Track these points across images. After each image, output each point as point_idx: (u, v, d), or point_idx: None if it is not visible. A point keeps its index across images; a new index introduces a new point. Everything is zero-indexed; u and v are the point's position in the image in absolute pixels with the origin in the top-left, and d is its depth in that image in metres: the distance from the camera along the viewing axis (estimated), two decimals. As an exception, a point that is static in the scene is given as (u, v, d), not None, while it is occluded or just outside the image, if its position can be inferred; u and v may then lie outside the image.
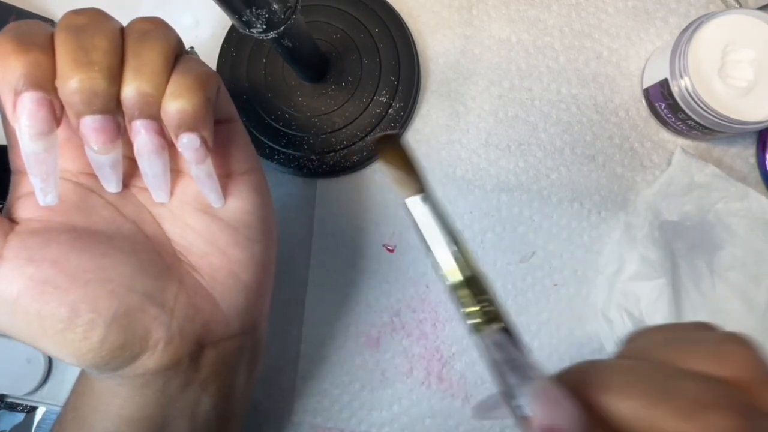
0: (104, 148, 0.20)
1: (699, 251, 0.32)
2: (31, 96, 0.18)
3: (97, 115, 0.19)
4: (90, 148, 0.20)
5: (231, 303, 0.24)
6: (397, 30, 0.36)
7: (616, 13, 0.37)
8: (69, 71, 0.18)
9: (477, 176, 0.36)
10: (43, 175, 0.19)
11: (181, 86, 0.20)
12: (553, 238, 0.35)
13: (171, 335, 0.21)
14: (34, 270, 0.19)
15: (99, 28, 0.19)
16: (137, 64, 0.19)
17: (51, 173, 0.19)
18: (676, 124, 0.34)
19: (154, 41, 0.20)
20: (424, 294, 0.35)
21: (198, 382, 0.23)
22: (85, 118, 0.19)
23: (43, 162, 0.19)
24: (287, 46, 0.28)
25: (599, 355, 0.34)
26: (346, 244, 0.36)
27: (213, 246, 0.24)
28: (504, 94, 0.37)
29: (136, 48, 0.19)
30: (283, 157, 0.35)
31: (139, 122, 0.20)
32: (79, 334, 0.20)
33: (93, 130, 0.19)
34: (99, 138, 0.19)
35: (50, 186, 0.20)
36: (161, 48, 0.20)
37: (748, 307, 0.32)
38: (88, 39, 0.18)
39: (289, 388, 0.35)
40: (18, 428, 0.40)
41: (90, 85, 0.18)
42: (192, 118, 0.20)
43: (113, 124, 0.19)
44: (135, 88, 0.19)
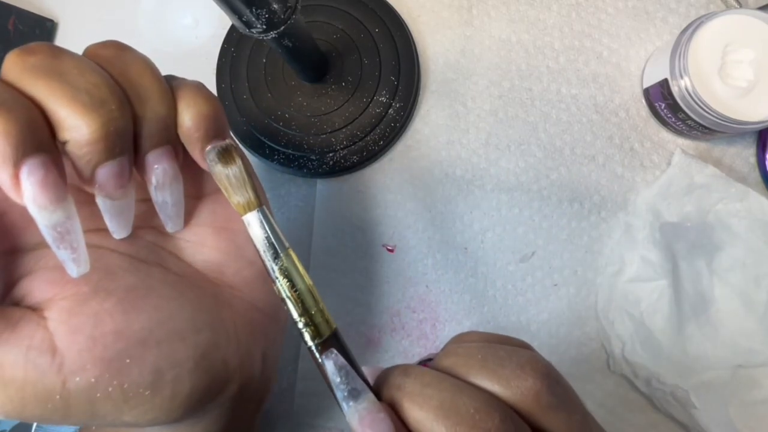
0: (122, 192, 0.18)
1: (699, 252, 0.32)
2: (36, 162, 0.15)
3: (116, 159, 0.17)
4: (105, 196, 0.18)
5: (271, 304, 0.24)
6: (397, 30, 0.36)
7: (616, 13, 0.37)
8: (80, 119, 0.16)
9: (477, 176, 0.36)
10: (72, 245, 0.17)
11: (191, 95, 0.19)
12: (553, 238, 0.35)
13: (242, 358, 0.22)
14: (102, 349, 0.18)
15: (76, 65, 0.17)
16: (140, 91, 0.18)
17: (78, 239, 0.17)
18: (676, 124, 0.34)
19: (139, 64, 0.18)
20: (424, 294, 0.35)
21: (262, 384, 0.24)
22: (104, 166, 0.17)
23: (68, 231, 0.17)
24: (287, 46, 0.28)
25: (599, 355, 0.34)
26: (346, 244, 0.36)
27: (241, 259, 0.23)
28: (504, 94, 0.37)
29: (127, 76, 0.18)
30: (283, 157, 0.35)
31: (157, 152, 0.19)
32: (168, 394, 0.19)
33: (113, 176, 0.17)
34: (119, 183, 0.18)
35: (81, 254, 0.17)
36: (150, 69, 0.19)
37: (748, 308, 0.32)
38: (78, 78, 0.16)
39: (289, 388, 0.35)
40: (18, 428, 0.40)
41: (114, 127, 0.16)
42: (214, 120, 0.19)
43: (128, 164, 0.18)
44: (151, 116, 0.18)
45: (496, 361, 0.16)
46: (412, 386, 0.16)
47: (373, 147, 0.35)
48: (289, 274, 0.18)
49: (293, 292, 0.18)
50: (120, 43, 0.19)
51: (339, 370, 0.17)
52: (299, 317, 0.18)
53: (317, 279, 0.36)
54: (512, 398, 0.16)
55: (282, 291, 0.18)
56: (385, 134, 0.35)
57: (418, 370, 0.17)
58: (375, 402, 0.16)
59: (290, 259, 0.19)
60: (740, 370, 0.32)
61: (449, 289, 0.35)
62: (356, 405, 0.16)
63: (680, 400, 0.31)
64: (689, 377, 0.31)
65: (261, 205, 0.19)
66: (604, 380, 0.34)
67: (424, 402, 0.15)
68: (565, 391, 0.17)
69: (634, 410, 0.34)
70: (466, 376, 0.16)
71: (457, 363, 0.17)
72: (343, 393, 0.16)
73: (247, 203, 0.19)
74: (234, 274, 0.23)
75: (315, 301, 0.18)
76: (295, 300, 0.18)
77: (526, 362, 0.16)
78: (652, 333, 0.32)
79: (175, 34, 0.40)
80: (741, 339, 0.32)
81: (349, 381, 0.17)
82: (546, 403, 0.16)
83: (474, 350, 0.17)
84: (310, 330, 0.18)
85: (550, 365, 0.17)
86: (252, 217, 0.19)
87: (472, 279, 0.35)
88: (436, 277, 0.35)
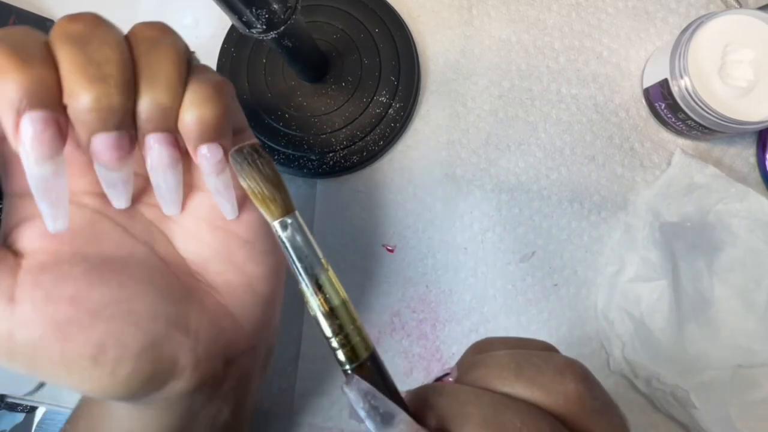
0: (118, 164, 0.19)
1: (699, 252, 0.32)
2: (36, 116, 0.16)
3: (112, 132, 0.18)
4: (102, 166, 0.19)
5: (250, 317, 0.24)
6: (397, 30, 0.36)
7: (616, 13, 0.37)
8: (81, 88, 0.17)
9: (477, 176, 0.36)
10: (52, 201, 0.18)
11: (200, 96, 0.19)
12: (553, 238, 0.35)
13: (197, 359, 0.21)
14: (54, 311, 0.18)
15: (104, 38, 0.18)
16: (151, 75, 0.18)
17: (60, 198, 0.18)
18: (676, 124, 0.34)
19: (165, 50, 0.19)
20: (424, 294, 0.35)
21: (220, 396, 0.23)
22: (99, 136, 0.18)
23: (52, 187, 0.17)
24: (287, 46, 0.28)
25: (599, 355, 0.34)
26: (346, 244, 0.36)
27: (230, 263, 0.23)
28: (504, 94, 0.37)
29: (147, 58, 0.18)
30: (283, 157, 0.35)
31: (154, 136, 0.19)
32: (107, 370, 0.19)
33: (108, 147, 0.18)
34: (113, 155, 0.18)
35: (60, 212, 0.18)
36: (173, 57, 0.19)
37: (748, 308, 0.32)
38: (96, 51, 0.17)
39: (289, 388, 0.35)
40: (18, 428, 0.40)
41: (107, 102, 0.17)
42: (213, 128, 0.19)
43: (128, 139, 0.18)
44: (151, 101, 0.18)
45: (532, 369, 0.16)
46: (449, 406, 0.15)
47: (373, 147, 0.35)
48: (323, 288, 0.16)
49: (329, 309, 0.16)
50: (163, 27, 0.19)
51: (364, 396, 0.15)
52: (333, 336, 0.16)
53: (317, 279, 0.36)
54: (555, 405, 0.15)
55: (317, 307, 0.16)
56: (385, 134, 0.35)
57: (452, 388, 0.16)
58: (412, 423, 0.15)
59: (326, 272, 0.17)
60: (740, 370, 0.32)
61: (449, 289, 0.35)
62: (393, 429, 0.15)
63: (680, 400, 0.31)
64: (689, 377, 0.31)
65: (293, 210, 0.18)
66: (604, 380, 0.34)
67: (466, 421, 0.15)
68: (604, 394, 0.16)
69: (634, 410, 0.34)
70: (501, 387, 0.16)
71: (489, 374, 0.16)
72: (374, 420, 0.15)
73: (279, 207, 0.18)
74: (218, 274, 0.23)
75: (352, 319, 0.16)
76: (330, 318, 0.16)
77: (565, 367, 0.16)
78: (652, 333, 0.32)
79: (175, 34, 0.40)
80: (741, 339, 0.32)
81: (379, 405, 0.15)
82: (590, 408, 0.15)
83: (505, 359, 0.16)
84: (346, 351, 0.16)
85: (586, 368, 0.16)
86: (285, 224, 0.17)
87: (472, 279, 0.35)
88: (436, 277, 0.35)
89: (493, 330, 0.35)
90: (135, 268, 0.21)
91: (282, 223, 0.17)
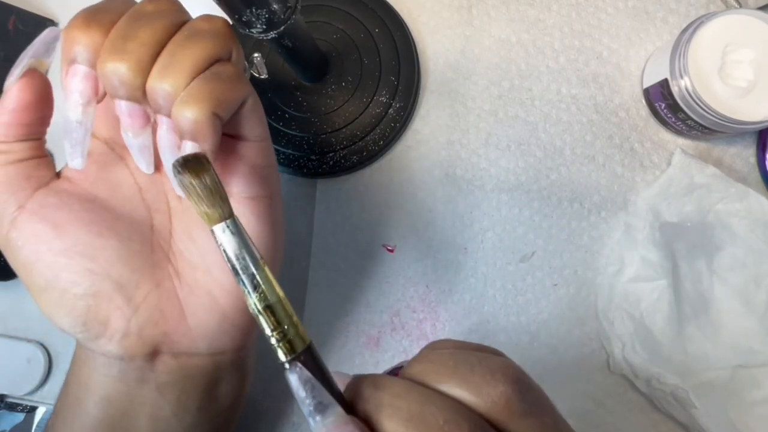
0: (133, 131, 0.21)
1: (699, 252, 0.32)
2: (79, 69, 0.20)
3: (124, 100, 0.20)
4: (123, 128, 0.21)
5: (200, 322, 0.24)
6: (397, 30, 0.36)
7: (616, 13, 0.37)
8: (104, 55, 0.19)
9: (477, 176, 0.36)
10: (72, 141, 0.21)
11: (191, 94, 0.20)
12: (553, 238, 0.35)
13: (128, 330, 0.22)
14: (40, 227, 0.21)
15: (155, 19, 0.20)
16: (167, 61, 0.20)
17: (80, 142, 0.21)
18: (676, 124, 0.34)
19: (197, 42, 0.20)
20: (424, 294, 0.35)
21: (155, 384, 0.23)
22: (117, 101, 0.20)
23: (74, 130, 0.20)
24: (287, 46, 0.28)
25: (599, 355, 0.34)
26: (346, 244, 0.36)
27: (202, 261, 0.23)
28: (504, 94, 0.37)
29: (175, 45, 0.20)
30: (283, 157, 0.35)
31: (160, 116, 0.20)
32: (55, 296, 0.21)
33: (124, 113, 0.20)
34: (127, 122, 0.21)
35: (77, 152, 0.21)
36: (199, 50, 0.20)
37: (748, 308, 0.32)
38: (136, 27, 0.19)
39: (289, 388, 0.35)
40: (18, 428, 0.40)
41: (117, 72, 0.19)
42: (193, 128, 0.20)
43: (141, 111, 0.21)
44: (156, 84, 0.20)
45: (467, 368, 0.16)
46: (381, 398, 0.16)
47: (373, 147, 0.35)
48: (259, 287, 0.17)
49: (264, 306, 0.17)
50: (219, 22, 0.21)
51: (304, 384, 0.16)
52: (271, 332, 0.17)
53: (317, 279, 0.36)
54: (483, 406, 0.16)
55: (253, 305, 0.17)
56: (385, 134, 0.35)
57: (387, 381, 0.16)
58: (342, 415, 0.16)
59: (262, 271, 0.18)
60: (740, 370, 0.32)
61: (449, 289, 0.35)
62: (323, 419, 0.16)
63: (680, 400, 0.31)
64: (689, 377, 0.31)
65: (232, 215, 0.19)
66: (604, 380, 0.34)
67: (394, 414, 0.15)
68: (537, 396, 0.17)
69: (634, 410, 0.34)
70: (436, 383, 0.16)
71: (427, 369, 0.17)
72: (308, 408, 0.16)
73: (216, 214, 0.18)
74: (189, 266, 0.24)
75: (288, 315, 0.17)
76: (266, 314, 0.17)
77: (497, 368, 0.16)
78: (652, 333, 0.32)
79: (175, 34, 0.40)
80: (741, 339, 0.32)
81: (315, 395, 0.16)
82: (517, 410, 0.16)
83: (446, 357, 0.17)
84: (284, 346, 0.17)
85: (522, 371, 0.17)
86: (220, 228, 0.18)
87: (472, 279, 0.35)
88: (436, 277, 0.35)
89: (493, 330, 0.35)
90: (122, 225, 0.23)
91: (219, 228, 0.18)
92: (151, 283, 0.23)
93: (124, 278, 0.22)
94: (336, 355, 0.35)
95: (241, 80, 0.22)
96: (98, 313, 0.22)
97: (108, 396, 0.23)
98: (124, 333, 0.22)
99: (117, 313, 0.22)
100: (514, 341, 0.35)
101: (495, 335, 0.35)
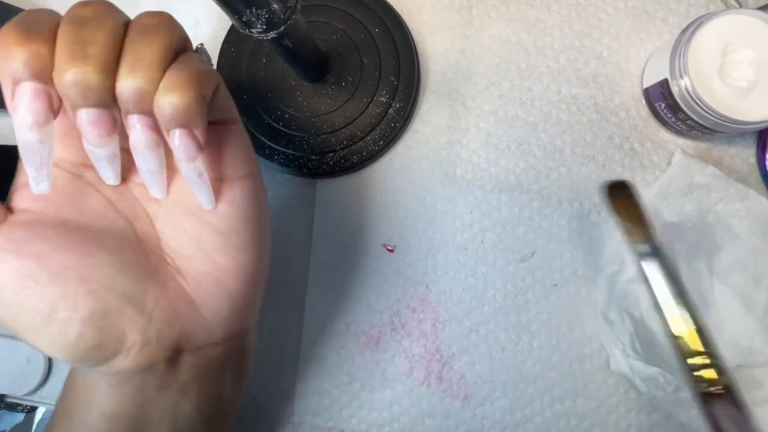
0: (100, 141, 0.20)
1: (699, 252, 0.32)
2: (29, 86, 0.18)
3: (92, 108, 0.19)
4: (87, 141, 0.20)
5: (214, 310, 0.24)
6: (397, 30, 0.36)
7: (616, 13, 0.37)
8: (64, 64, 0.18)
9: (477, 176, 0.36)
10: (36, 165, 0.19)
11: (173, 82, 0.19)
12: (553, 238, 0.35)
13: (147, 339, 0.21)
14: (19, 264, 0.20)
15: (101, 22, 0.19)
16: (133, 59, 0.19)
17: (44, 164, 0.19)
18: (676, 124, 0.34)
19: (154, 36, 0.19)
20: (424, 294, 0.35)
21: (176, 386, 0.23)
22: (80, 111, 0.19)
23: (36, 152, 0.19)
24: (287, 46, 0.28)
25: (599, 355, 0.34)
26: (346, 244, 0.36)
27: (201, 251, 0.23)
28: (504, 94, 0.37)
29: (134, 43, 0.19)
30: (283, 157, 0.35)
31: (134, 117, 0.20)
32: (56, 329, 0.20)
33: (88, 123, 0.19)
34: (95, 131, 0.19)
35: (43, 176, 0.20)
36: (160, 43, 0.19)
37: (748, 308, 0.32)
38: (88, 32, 0.18)
39: (289, 388, 0.35)
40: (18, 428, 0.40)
41: (84, 78, 0.18)
42: (183, 113, 0.19)
43: (109, 117, 0.19)
44: (129, 83, 0.19)
45: None
46: None
47: (373, 147, 0.35)
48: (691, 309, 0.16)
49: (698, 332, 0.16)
50: (163, 16, 0.20)
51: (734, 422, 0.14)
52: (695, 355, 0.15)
53: (317, 279, 0.36)
54: None
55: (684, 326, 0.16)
56: (385, 134, 0.35)
57: None
58: None
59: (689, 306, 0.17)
60: (740, 370, 0.32)
61: (449, 289, 0.35)
62: None
63: (680, 401, 0.31)
64: (689, 377, 0.31)
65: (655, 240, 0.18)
66: (604, 380, 0.34)
67: None
68: None
69: (634, 410, 0.34)
70: None
71: None
72: None
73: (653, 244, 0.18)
74: (187, 260, 0.23)
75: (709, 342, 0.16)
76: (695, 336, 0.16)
77: None
78: (653, 333, 0.32)
79: (175, 34, 0.40)
80: (741, 339, 0.32)
81: None
82: None
83: None
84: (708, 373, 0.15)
85: None
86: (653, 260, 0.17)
87: (472, 279, 0.35)
88: (436, 277, 0.35)
89: (493, 330, 0.35)
90: (107, 240, 0.22)
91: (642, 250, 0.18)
92: (157, 287, 0.22)
93: (128, 289, 0.21)
94: (336, 355, 0.35)
95: (210, 65, 0.21)
96: (111, 331, 0.21)
97: (122, 413, 0.22)
98: (144, 342, 0.21)
99: (131, 325, 0.21)
100: (514, 341, 0.35)
101: (495, 335, 0.35)
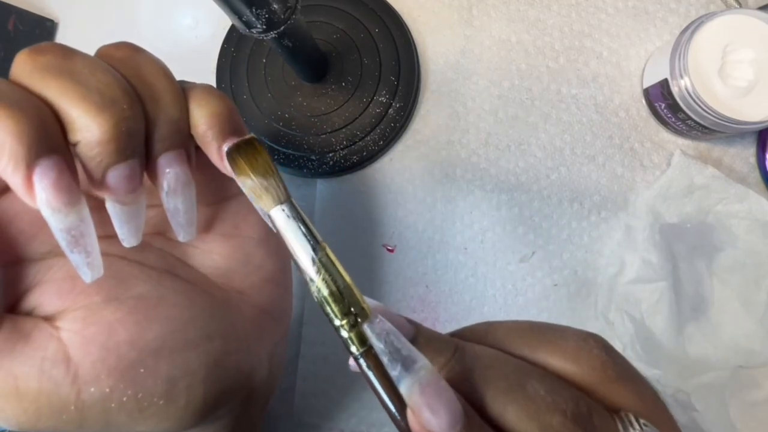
0: (132, 197, 0.17)
1: (699, 253, 0.32)
2: (49, 163, 0.15)
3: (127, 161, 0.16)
4: (115, 202, 0.17)
5: (278, 307, 0.25)
6: (397, 30, 0.36)
7: (616, 13, 0.37)
8: (93, 118, 0.15)
9: (477, 176, 0.36)
10: (87, 248, 0.16)
11: (202, 94, 0.18)
12: (553, 238, 0.35)
13: (253, 363, 0.22)
14: (116, 359, 0.18)
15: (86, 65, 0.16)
16: (152, 92, 0.17)
17: (92, 243, 0.17)
18: (676, 124, 0.34)
19: (152, 65, 0.18)
20: (424, 294, 0.35)
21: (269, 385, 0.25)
22: (115, 168, 0.16)
23: (82, 234, 0.16)
24: (287, 46, 0.28)
25: (599, 356, 0.34)
26: (346, 244, 0.36)
27: (250, 264, 0.23)
28: (504, 94, 0.37)
29: (139, 77, 0.17)
30: (283, 157, 0.35)
31: (168, 156, 0.18)
32: (182, 403, 0.19)
33: (124, 179, 0.17)
34: (130, 186, 0.17)
35: (95, 258, 0.17)
36: (162, 70, 0.18)
37: (748, 309, 0.32)
38: (88, 77, 0.16)
39: (289, 388, 0.35)
40: (18, 428, 0.39)
41: (125, 127, 0.16)
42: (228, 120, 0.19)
43: (140, 167, 0.17)
44: (164, 118, 0.17)
45: (556, 335, 0.16)
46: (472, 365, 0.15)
47: (373, 147, 0.35)
48: (327, 270, 0.16)
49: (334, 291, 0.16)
50: (133, 45, 0.18)
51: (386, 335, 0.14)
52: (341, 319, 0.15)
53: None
54: (579, 373, 0.15)
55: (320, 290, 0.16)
56: (385, 134, 0.35)
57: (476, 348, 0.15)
58: (433, 371, 0.14)
59: (326, 254, 0.16)
60: (740, 371, 0.32)
61: (449, 289, 0.35)
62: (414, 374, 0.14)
63: (681, 403, 0.31)
64: (689, 378, 0.31)
65: (289, 198, 0.17)
66: (604, 380, 0.34)
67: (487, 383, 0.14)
68: (627, 362, 0.16)
69: (634, 411, 0.33)
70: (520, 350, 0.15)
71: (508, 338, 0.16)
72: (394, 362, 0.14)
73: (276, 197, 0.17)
74: (242, 279, 0.23)
75: (358, 300, 0.16)
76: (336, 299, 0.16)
77: (586, 334, 0.16)
78: (653, 334, 0.32)
79: (175, 33, 0.40)
80: (741, 340, 0.32)
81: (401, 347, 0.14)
82: (613, 375, 0.15)
83: (524, 325, 0.16)
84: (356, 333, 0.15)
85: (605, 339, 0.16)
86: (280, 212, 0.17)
87: (472, 279, 0.35)
88: (436, 277, 0.35)
89: (492, 330, 0.35)
90: (171, 298, 0.20)
91: (276, 212, 0.17)
92: (237, 316, 0.22)
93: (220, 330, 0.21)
94: (336, 355, 0.35)
95: None
96: (227, 374, 0.20)
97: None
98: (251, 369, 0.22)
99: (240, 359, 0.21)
100: (514, 341, 0.35)
101: (495, 335, 0.35)
